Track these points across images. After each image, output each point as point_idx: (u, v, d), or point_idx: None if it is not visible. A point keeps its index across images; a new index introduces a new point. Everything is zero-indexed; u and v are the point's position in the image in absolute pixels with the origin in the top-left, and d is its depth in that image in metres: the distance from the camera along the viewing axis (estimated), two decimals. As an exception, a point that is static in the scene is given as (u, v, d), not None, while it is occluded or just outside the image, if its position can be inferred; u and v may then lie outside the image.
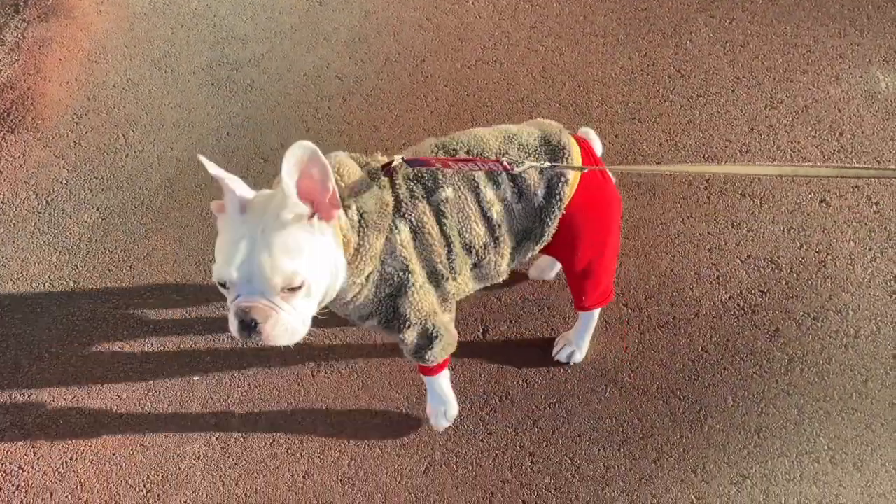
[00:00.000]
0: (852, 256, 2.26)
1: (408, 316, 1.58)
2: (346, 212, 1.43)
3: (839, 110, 2.62)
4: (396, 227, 1.51)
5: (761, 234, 2.32)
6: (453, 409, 1.92)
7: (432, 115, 2.70)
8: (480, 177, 1.56)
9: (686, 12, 2.93)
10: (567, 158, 1.57)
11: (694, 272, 2.25)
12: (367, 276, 1.50)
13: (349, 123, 2.69)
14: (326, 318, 1.48)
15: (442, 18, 2.98)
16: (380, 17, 3.01)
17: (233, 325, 1.37)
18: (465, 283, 1.67)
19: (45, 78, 2.88)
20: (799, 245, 2.29)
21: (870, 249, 2.27)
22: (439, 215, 1.55)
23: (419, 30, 2.96)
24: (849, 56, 2.77)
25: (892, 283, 2.19)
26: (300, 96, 2.78)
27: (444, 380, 1.87)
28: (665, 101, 2.69)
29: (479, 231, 1.58)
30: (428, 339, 1.66)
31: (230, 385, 2.08)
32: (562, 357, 2.07)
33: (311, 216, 1.34)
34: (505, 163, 1.46)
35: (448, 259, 1.58)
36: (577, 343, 2.05)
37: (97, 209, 2.48)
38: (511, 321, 2.17)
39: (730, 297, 2.19)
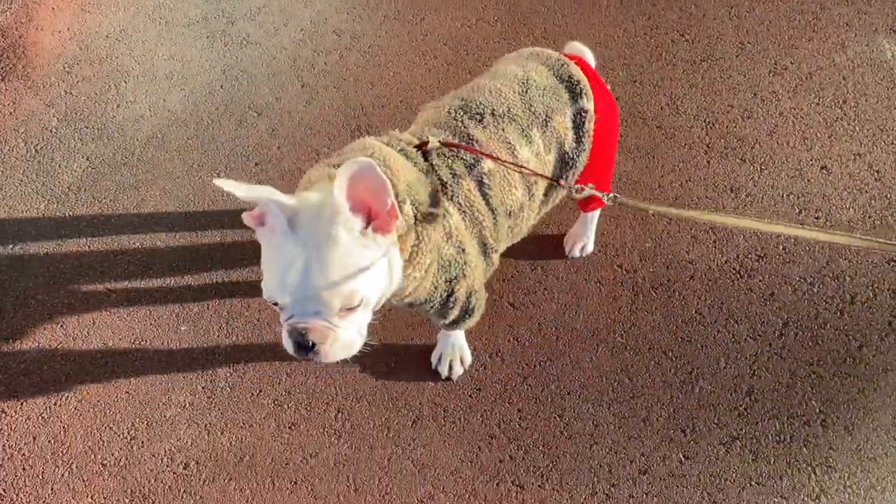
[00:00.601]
0: (851, 223, 2.23)
1: (459, 297, 1.54)
2: (401, 208, 1.32)
3: (843, 78, 2.58)
4: (447, 212, 1.44)
5: (760, 199, 2.29)
6: (469, 355, 1.98)
7: (430, 73, 2.65)
8: (514, 137, 1.52)
9: (691, -24, 2.87)
10: (584, 93, 1.56)
11: (690, 235, 2.22)
12: (427, 269, 1.41)
13: (345, 80, 2.64)
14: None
15: (443, -24, 2.92)
16: (379, -26, 2.95)
17: (288, 345, 1.30)
18: (502, 247, 1.64)
19: (38, 26, 2.83)
20: (798, 211, 2.26)
21: (869, 217, 2.24)
22: (483, 188, 1.49)
23: (419, -13, 2.91)
24: (855, 24, 2.72)
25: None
26: (296, 51, 2.73)
27: (461, 330, 1.90)
28: (667, 65, 2.64)
29: (518, 194, 1.56)
30: (468, 312, 1.64)
31: (218, 336, 2.05)
32: (575, 252, 2.16)
33: (366, 228, 1.24)
34: (564, 182, 1.49)
35: (495, 230, 1.55)
36: (587, 236, 2.14)
37: (87, 159, 2.44)
38: (503, 279, 2.14)
39: (726, 261, 2.16)
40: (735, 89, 2.57)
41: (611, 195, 1.49)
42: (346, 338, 1.29)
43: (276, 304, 1.26)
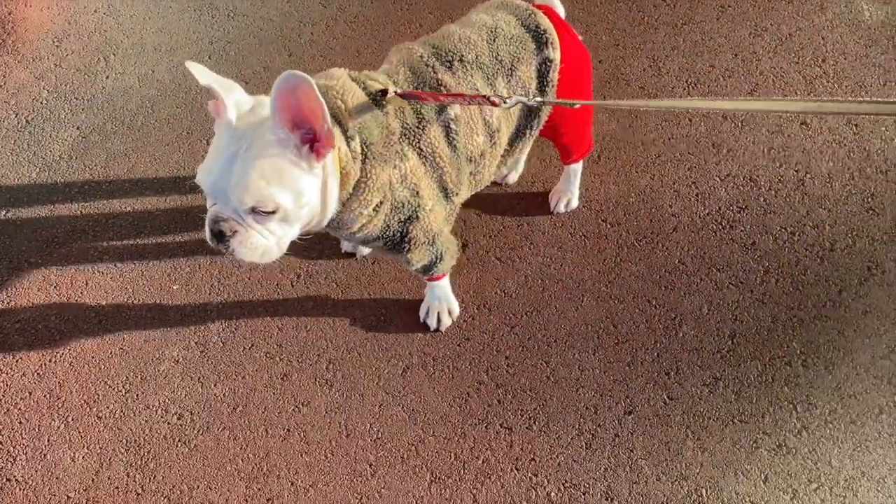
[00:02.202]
0: (830, 175, 2.27)
1: (416, 238, 1.58)
2: (348, 142, 1.37)
3: (822, 38, 2.62)
4: (405, 155, 1.47)
5: (741, 154, 2.33)
6: (456, 307, 2.01)
7: (415, 40, 2.68)
8: (480, 84, 1.55)
9: (672, -57, 2.91)
10: (550, 42, 1.59)
11: (673, 190, 2.26)
12: (376, 207, 1.46)
13: (332, 49, 2.68)
14: (310, 238, 1.47)
15: (427, -52, 2.96)
16: (364, -53, 2.98)
17: (206, 231, 1.36)
18: (464, 193, 1.68)
19: (26, 3, 2.85)
20: (778, 164, 2.30)
21: (848, 168, 2.28)
22: (449, 133, 1.52)
23: (404, -41, 2.94)
24: (834, -13, 2.77)
25: (869, 199, 2.21)
26: (282, 22, 2.77)
27: (446, 282, 1.94)
28: (649, 29, 2.68)
29: (480, 140, 1.59)
30: (435, 257, 1.68)
31: (209, 294, 2.09)
32: (560, 208, 2.20)
33: (303, 146, 1.29)
34: (494, 99, 1.42)
35: (456, 176, 1.58)
36: (571, 191, 2.18)
37: (77, 128, 2.47)
38: (490, 236, 2.17)
39: (708, 213, 2.20)
40: (716, 50, 2.61)
41: (538, 100, 1.50)
42: (257, 242, 1.34)
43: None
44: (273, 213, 1.31)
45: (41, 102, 2.54)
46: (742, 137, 2.36)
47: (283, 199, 1.30)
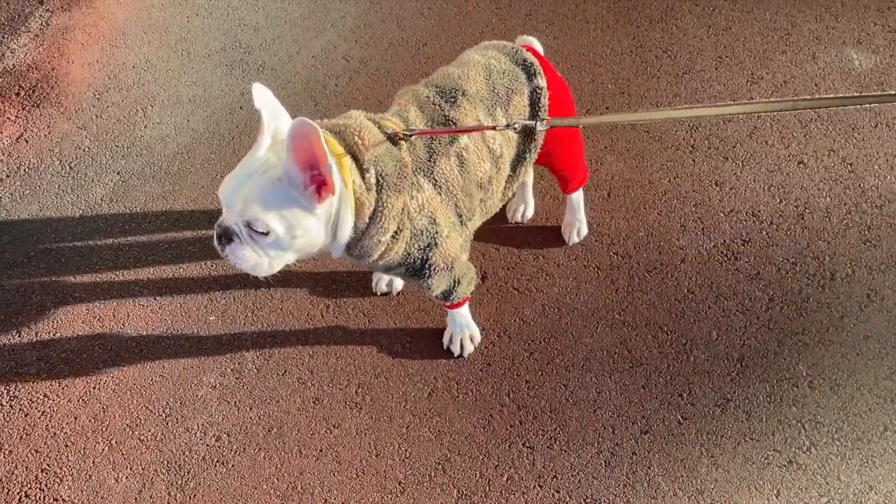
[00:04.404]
0: (828, 210, 2.40)
1: (436, 264, 1.72)
2: (363, 175, 1.53)
3: (816, 84, 2.79)
4: (419, 186, 1.63)
5: (743, 191, 2.47)
6: (478, 334, 2.12)
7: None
8: (483, 116, 1.72)
9: (672, 0, 3.12)
10: (537, 73, 1.77)
11: (680, 224, 2.39)
12: (394, 235, 1.61)
13: (355, 98, 2.86)
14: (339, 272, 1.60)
15: (442, 7, 3.17)
16: (384, 7, 3.20)
17: (214, 232, 1.54)
18: (476, 220, 1.82)
19: (68, 60, 3.05)
20: (778, 200, 2.44)
21: (844, 204, 2.42)
22: (462, 163, 1.69)
23: (421, 17, 3.15)
24: (825, 38, 2.95)
25: (866, 231, 2.34)
26: (309, 75, 2.95)
27: (466, 310, 2.05)
28: (652, 78, 2.86)
29: (487, 166, 1.75)
30: (453, 281, 1.81)
31: (243, 324, 2.20)
32: (574, 238, 2.33)
33: (311, 185, 1.44)
34: (498, 126, 1.63)
35: (469, 202, 1.74)
36: (579, 219, 2.32)
37: (118, 173, 2.63)
38: (508, 268, 2.30)
39: (714, 246, 2.33)
40: (715, 97, 2.78)
41: (544, 121, 1.68)
42: (248, 255, 1.51)
43: None
44: (265, 234, 1.47)
45: (83, 150, 2.71)
46: (743, 176, 2.51)
47: (275, 226, 1.46)
